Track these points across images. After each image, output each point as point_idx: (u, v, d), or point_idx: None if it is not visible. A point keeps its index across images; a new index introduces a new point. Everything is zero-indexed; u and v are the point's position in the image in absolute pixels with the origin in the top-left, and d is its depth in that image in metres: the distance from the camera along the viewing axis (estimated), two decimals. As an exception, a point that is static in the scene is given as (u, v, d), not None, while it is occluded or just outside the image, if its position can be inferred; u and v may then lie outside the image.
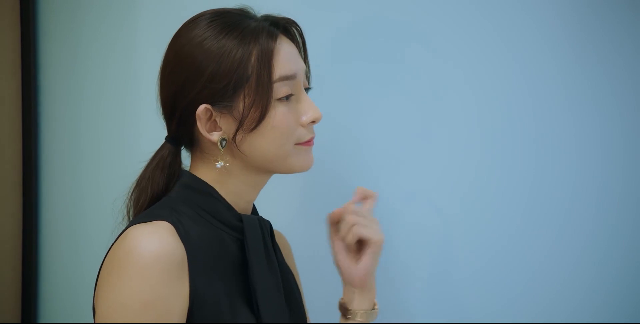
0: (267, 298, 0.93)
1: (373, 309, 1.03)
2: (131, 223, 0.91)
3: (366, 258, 1.01)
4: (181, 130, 0.96)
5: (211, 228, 0.94)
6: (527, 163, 1.19)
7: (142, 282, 0.83)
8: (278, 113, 0.93)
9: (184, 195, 0.95)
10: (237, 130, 0.93)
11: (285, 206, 1.31)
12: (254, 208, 1.04)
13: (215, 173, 0.96)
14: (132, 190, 0.99)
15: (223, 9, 0.98)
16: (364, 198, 1.05)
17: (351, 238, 1.00)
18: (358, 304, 1.02)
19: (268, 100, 0.92)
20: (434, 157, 1.24)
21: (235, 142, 0.93)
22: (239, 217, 0.96)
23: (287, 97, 0.95)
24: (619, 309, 1.15)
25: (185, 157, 1.01)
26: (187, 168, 1.00)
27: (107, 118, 1.54)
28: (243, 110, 0.92)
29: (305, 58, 1.02)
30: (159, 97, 0.98)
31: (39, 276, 1.61)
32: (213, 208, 0.95)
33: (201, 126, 0.93)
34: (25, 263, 1.60)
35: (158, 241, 0.85)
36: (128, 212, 1.00)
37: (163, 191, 0.97)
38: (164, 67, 0.97)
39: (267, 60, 0.92)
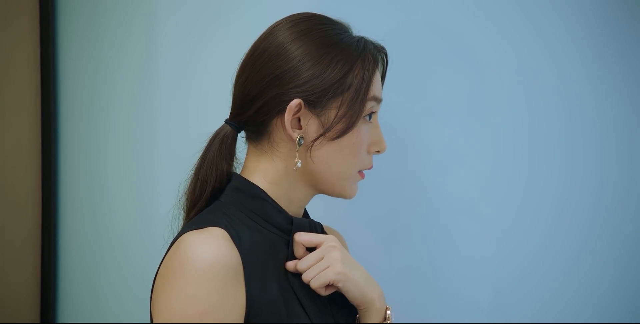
0: (305, 301, 0.93)
1: (385, 319, 0.99)
2: (184, 230, 0.91)
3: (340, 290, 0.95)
4: (258, 117, 0.94)
5: (263, 232, 0.93)
6: (523, 163, 1.20)
7: (199, 291, 0.82)
8: (361, 131, 0.96)
9: (234, 198, 0.95)
10: (320, 135, 0.93)
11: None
12: (305, 212, 1.04)
13: (275, 170, 0.96)
14: (192, 179, 0.97)
15: (326, 16, 0.98)
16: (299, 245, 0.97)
17: (321, 291, 0.94)
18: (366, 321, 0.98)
19: (359, 115, 0.94)
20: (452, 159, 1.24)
21: (312, 145, 0.93)
22: (290, 220, 0.96)
23: (370, 116, 0.97)
24: (617, 309, 1.16)
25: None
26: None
27: (126, 118, 1.53)
28: (334, 117, 0.93)
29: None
30: (243, 77, 0.96)
31: (57, 276, 1.60)
32: (264, 211, 0.95)
33: (288, 119, 0.92)
34: (44, 263, 1.58)
35: (213, 249, 0.84)
36: (187, 203, 0.98)
37: (225, 178, 0.96)
38: (265, 49, 0.94)
39: (368, 77, 0.94)
